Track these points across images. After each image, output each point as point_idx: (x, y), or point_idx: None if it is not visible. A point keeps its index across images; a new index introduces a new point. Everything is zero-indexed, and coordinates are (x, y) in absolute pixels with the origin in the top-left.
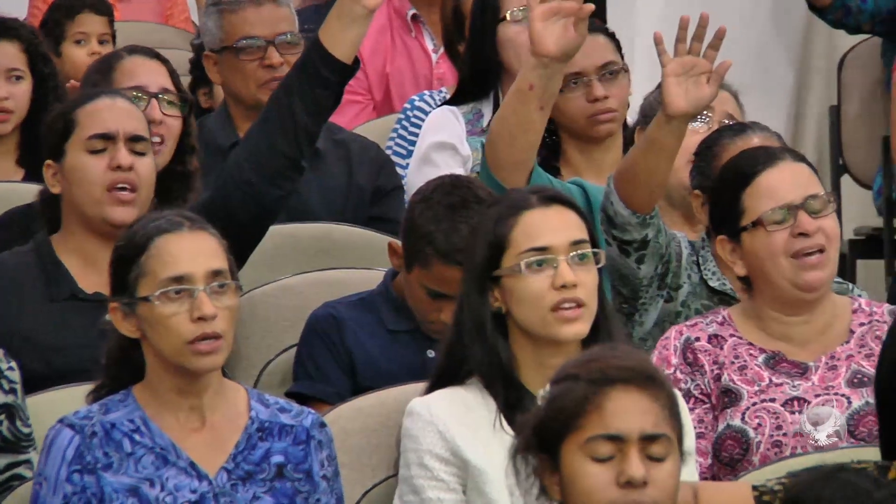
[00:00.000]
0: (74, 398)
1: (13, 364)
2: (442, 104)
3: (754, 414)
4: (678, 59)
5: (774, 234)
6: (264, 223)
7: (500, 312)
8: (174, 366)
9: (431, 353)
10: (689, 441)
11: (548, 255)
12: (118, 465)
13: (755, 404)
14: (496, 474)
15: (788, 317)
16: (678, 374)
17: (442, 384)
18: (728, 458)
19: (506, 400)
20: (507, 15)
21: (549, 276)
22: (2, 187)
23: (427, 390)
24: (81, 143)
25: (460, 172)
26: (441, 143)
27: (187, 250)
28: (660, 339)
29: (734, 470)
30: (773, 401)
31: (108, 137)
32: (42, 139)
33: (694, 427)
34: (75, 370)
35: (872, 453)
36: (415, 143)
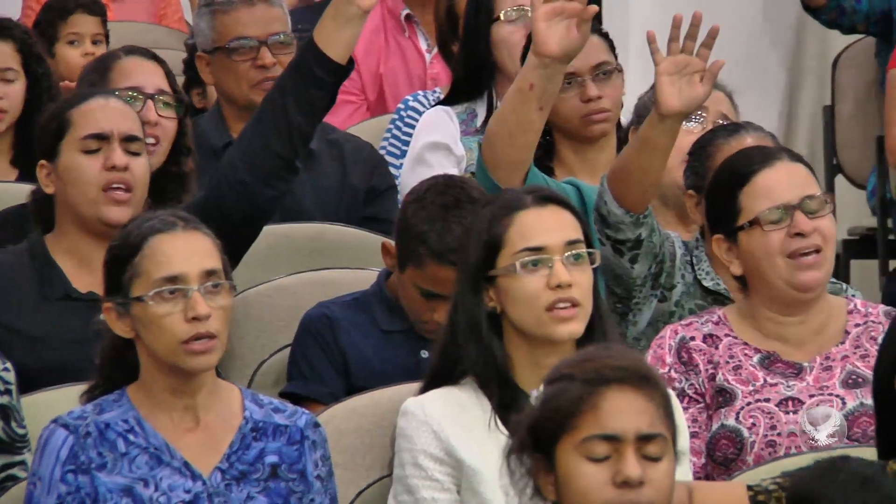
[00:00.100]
0: (68, 398)
1: (8, 365)
2: (436, 104)
3: (748, 414)
4: (671, 58)
5: (771, 234)
6: (258, 223)
7: (494, 312)
8: (168, 366)
9: (425, 354)
10: (683, 440)
11: (543, 255)
12: (112, 465)
13: (749, 404)
14: (491, 474)
15: (784, 317)
16: (673, 374)
17: (436, 384)
18: (722, 457)
19: (500, 400)
20: (501, 15)
21: (544, 275)
22: None
23: (421, 390)
24: (76, 144)
25: (454, 172)
26: (435, 144)
27: (181, 250)
28: (655, 338)
29: (728, 469)
30: (767, 401)
31: (102, 137)
32: (36, 139)
33: (688, 426)
34: (67, 366)
35: (869, 454)
36: (409, 144)
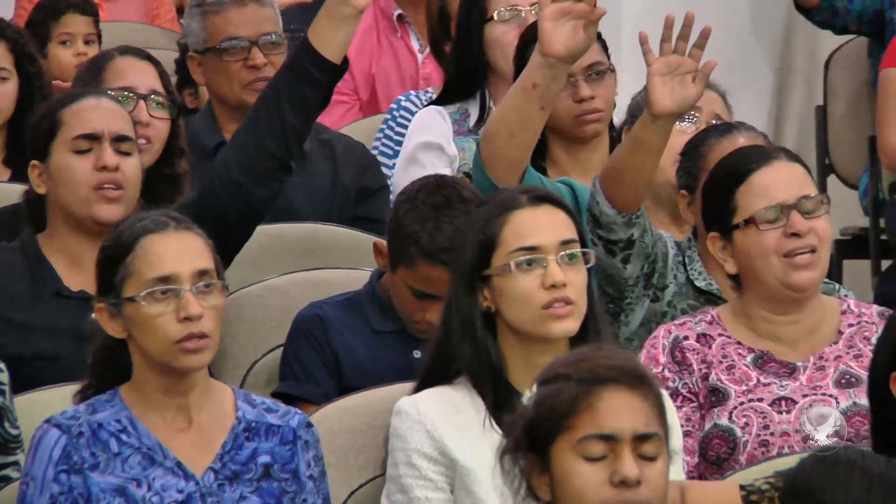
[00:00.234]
0: (61, 398)
1: (2, 366)
2: (428, 104)
3: (741, 413)
4: (663, 58)
5: (766, 233)
6: (252, 223)
7: (489, 312)
8: (161, 365)
9: (417, 354)
10: (676, 440)
11: (537, 255)
12: (105, 465)
13: (742, 404)
14: (484, 474)
15: (777, 316)
16: (666, 373)
17: (430, 384)
18: (715, 456)
19: (494, 399)
20: (494, 15)
21: (538, 275)
22: None
23: (415, 390)
24: (67, 144)
25: (447, 172)
26: (427, 143)
27: (173, 250)
28: (648, 337)
29: (721, 469)
30: (760, 400)
31: (93, 137)
32: (27, 140)
33: (681, 426)
34: (59, 355)
35: None
36: (401, 144)
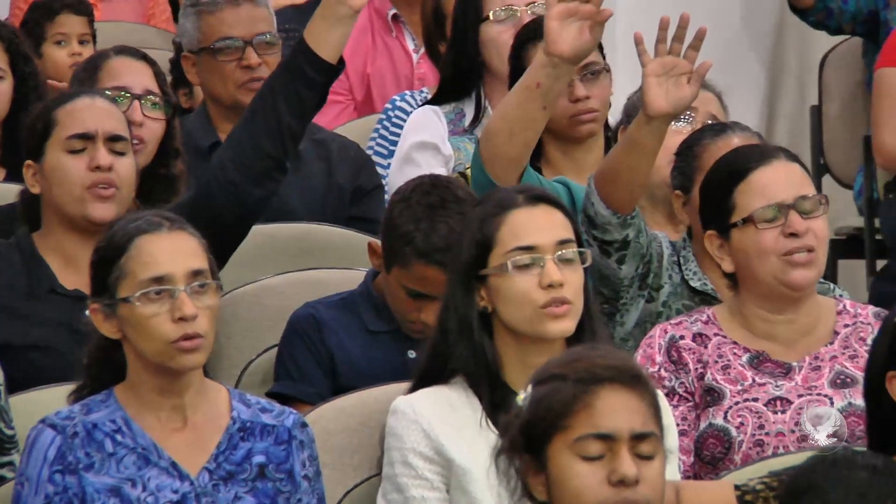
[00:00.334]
0: (56, 398)
1: None
2: (423, 104)
3: (737, 413)
4: (658, 59)
5: (764, 233)
6: (247, 223)
7: (485, 312)
8: (155, 366)
9: (412, 354)
10: (672, 439)
11: (534, 255)
12: (100, 465)
13: (737, 403)
14: (480, 473)
15: (773, 315)
16: (662, 372)
17: (426, 383)
18: (710, 456)
19: (490, 399)
20: (490, 15)
21: (535, 275)
22: None
23: (411, 389)
24: (61, 143)
25: (442, 172)
26: (423, 143)
27: (167, 250)
28: (644, 337)
29: (716, 469)
30: (755, 400)
31: (87, 137)
32: (22, 139)
33: (677, 425)
34: (52, 345)
35: None
36: (396, 143)
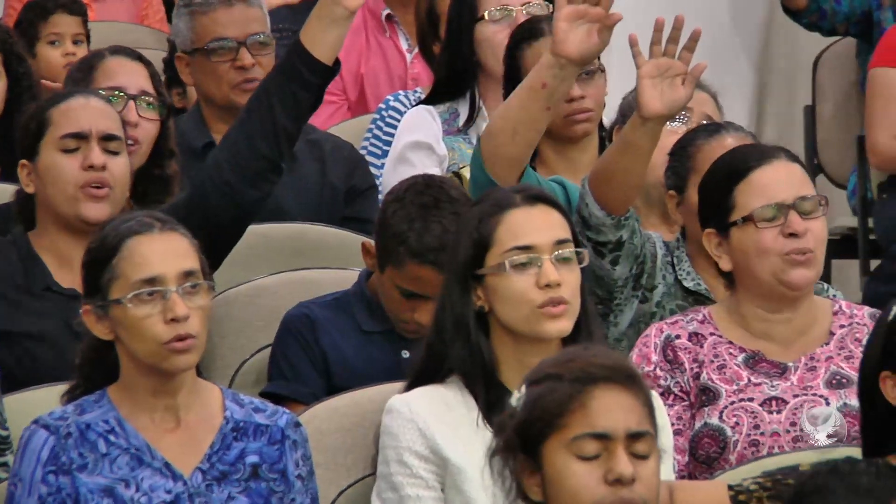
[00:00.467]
0: (49, 399)
1: None
2: (417, 104)
3: (732, 413)
4: (653, 60)
5: (764, 231)
6: (242, 224)
7: (482, 311)
8: (148, 367)
9: (406, 354)
10: (666, 439)
11: (532, 254)
12: (93, 465)
13: (733, 403)
14: (475, 473)
15: (770, 314)
16: (658, 372)
17: (421, 382)
18: (705, 456)
19: (486, 399)
20: (486, 14)
21: (533, 274)
22: None
23: (406, 388)
24: (55, 143)
25: (436, 172)
26: (417, 143)
27: (158, 251)
28: (640, 336)
29: (711, 468)
30: (751, 400)
31: (80, 136)
32: (16, 139)
33: (672, 424)
34: (45, 336)
35: (855, 453)
36: (390, 143)
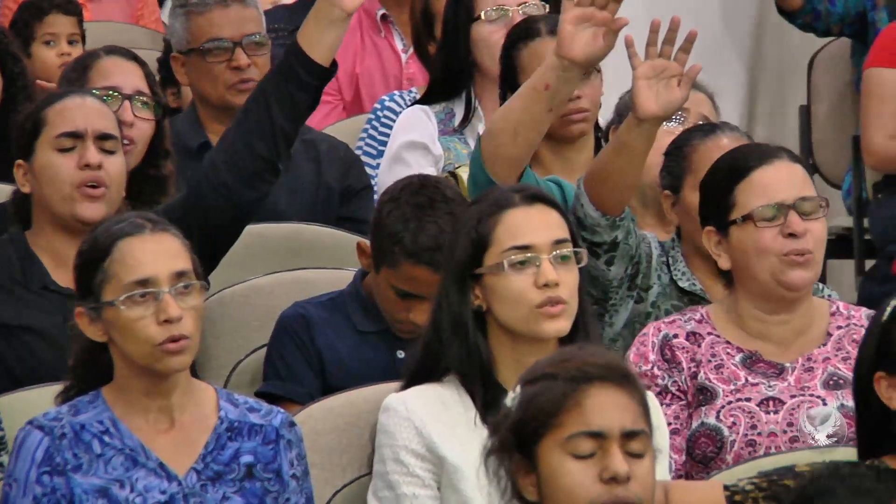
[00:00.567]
0: (44, 399)
1: None
2: (412, 104)
3: (729, 413)
4: (649, 62)
5: (763, 231)
6: (239, 225)
7: (479, 310)
8: (142, 368)
9: (401, 354)
10: (661, 439)
11: (530, 254)
12: (88, 466)
13: (730, 403)
14: (471, 472)
15: (768, 315)
16: (656, 371)
17: (417, 381)
18: (701, 455)
19: (483, 398)
20: (482, 14)
21: (531, 274)
22: None
23: (402, 387)
24: (50, 142)
25: (432, 172)
26: (412, 143)
27: (150, 253)
28: (638, 335)
29: (707, 468)
30: (748, 400)
31: (76, 136)
32: (12, 139)
33: (669, 423)
34: (44, 331)
35: (851, 454)
36: (385, 143)
